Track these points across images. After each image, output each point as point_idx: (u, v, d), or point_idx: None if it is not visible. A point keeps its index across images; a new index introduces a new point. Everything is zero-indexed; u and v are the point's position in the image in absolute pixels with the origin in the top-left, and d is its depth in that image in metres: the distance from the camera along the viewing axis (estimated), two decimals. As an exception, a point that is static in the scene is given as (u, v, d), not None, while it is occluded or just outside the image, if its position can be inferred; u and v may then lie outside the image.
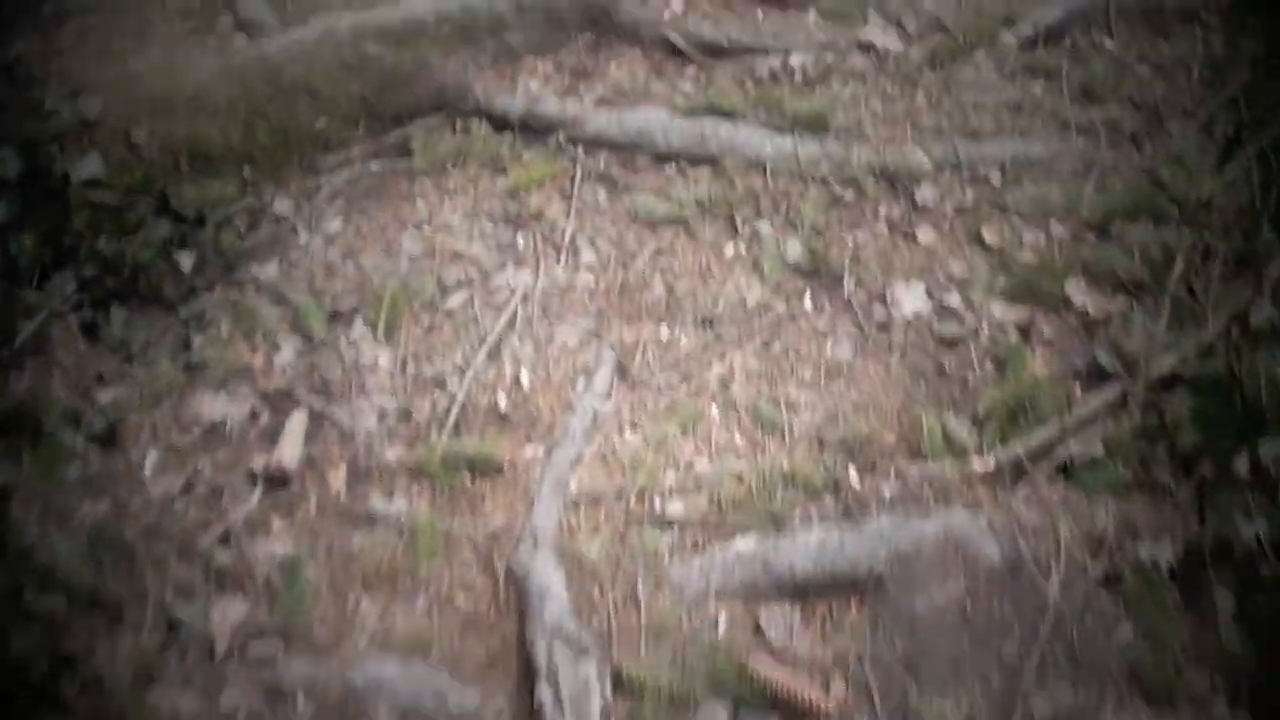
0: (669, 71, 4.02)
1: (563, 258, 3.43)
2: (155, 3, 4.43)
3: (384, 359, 3.18)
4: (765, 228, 3.47)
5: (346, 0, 4.39)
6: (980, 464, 2.83)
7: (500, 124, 3.79)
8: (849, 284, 3.32)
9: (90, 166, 3.24)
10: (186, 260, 3.26)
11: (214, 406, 3.07)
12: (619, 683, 2.44)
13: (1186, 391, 2.88)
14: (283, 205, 3.54)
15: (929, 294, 3.29)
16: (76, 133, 3.32)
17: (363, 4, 4.42)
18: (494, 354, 3.18)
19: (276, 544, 2.75)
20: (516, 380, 3.12)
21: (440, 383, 3.11)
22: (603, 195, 3.60)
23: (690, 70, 4.02)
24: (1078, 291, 3.27)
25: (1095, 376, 3.07)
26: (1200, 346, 3.02)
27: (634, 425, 3.01)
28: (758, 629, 2.58)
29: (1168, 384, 2.98)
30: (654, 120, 3.70)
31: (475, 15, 3.87)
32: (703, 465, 2.92)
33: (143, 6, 4.42)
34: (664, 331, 3.23)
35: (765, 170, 3.60)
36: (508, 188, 3.62)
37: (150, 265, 3.24)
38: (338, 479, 2.91)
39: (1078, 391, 3.04)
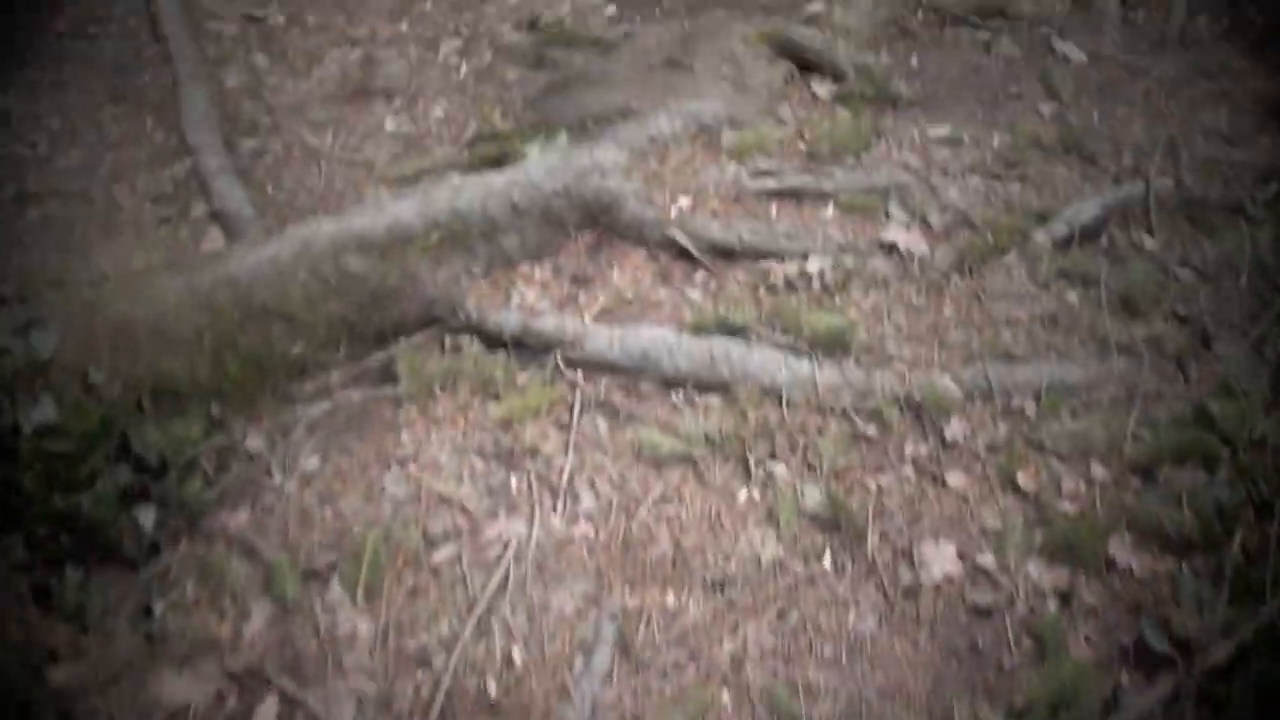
0: (676, 276, 3.96)
1: (559, 504, 3.35)
2: (125, 186, 4.38)
3: (363, 628, 3.08)
4: (781, 470, 3.38)
5: (328, 182, 4.36)
6: (1020, 779, 2.71)
7: (493, 341, 3.73)
8: (873, 539, 3.23)
9: (43, 412, 3.16)
10: (148, 515, 3.17)
11: (176, 688, 2.97)
12: None
13: (1248, 691, 2.77)
14: (255, 442, 3.46)
15: (960, 554, 3.18)
16: (29, 374, 3.22)
17: (344, 180, 4.40)
18: (483, 624, 3.09)
19: None
20: (508, 658, 3.02)
21: (424, 660, 3.01)
22: (604, 427, 3.52)
23: (699, 275, 3.96)
24: (1122, 550, 3.19)
25: (1144, 657, 2.96)
26: (1260, 628, 2.91)
27: (637, 718, 2.89)
28: None
29: (1225, 673, 2.86)
30: (659, 340, 3.62)
31: (467, 220, 3.80)
32: (714, 772, 2.80)
33: (111, 189, 4.38)
34: (670, 598, 3.14)
35: (781, 400, 3.52)
36: (500, 417, 3.54)
37: (108, 521, 3.13)
38: (310, 789, 2.78)
39: (1124, 677, 2.91)
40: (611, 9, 5.46)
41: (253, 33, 5.50)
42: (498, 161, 4.46)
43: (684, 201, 4.10)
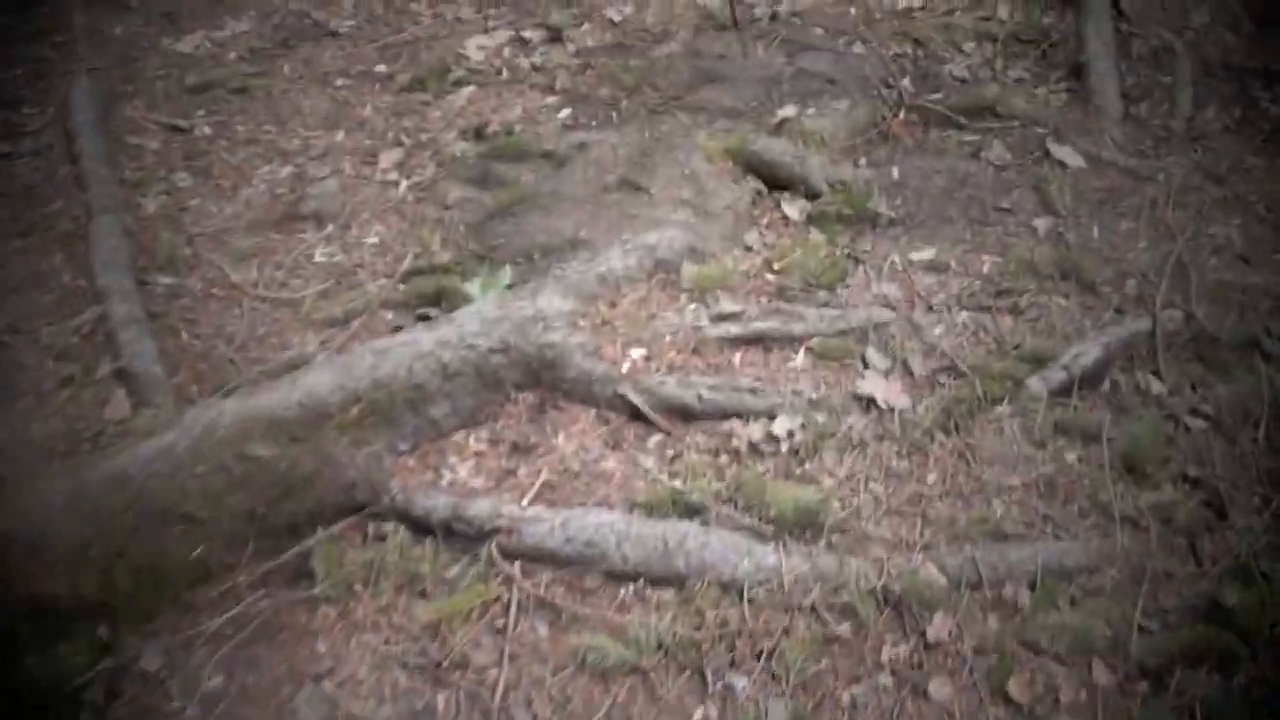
0: (628, 441, 3.75)
1: (493, 731, 3.09)
2: (27, 339, 4.18)
3: None
4: (742, 682, 3.16)
5: (250, 326, 4.15)
6: None
7: (421, 528, 3.50)
8: (846, 769, 2.97)
9: (-94, 651, 2.93)
10: (25, 764, 2.93)
11: None
12: None
13: None
14: (152, 661, 3.24)
15: (945, 786, 2.94)
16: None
17: (267, 324, 4.19)
18: None
19: None
20: None
21: None
22: (544, 632, 3.29)
23: (653, 440, 3.74)
24: (1128, 775, 2.93)
25: None
26: None
27: None
28: None
29: None
30: (607, 526, 3.40)
31: (390, 388, 3.58)
32: None
33: (12, 343, 4.16)
34: None
35: (742, 595, 3.28)
36: (428, 621, 3.32)
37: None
38: None
39: None
40: (565, 113, 5.26)
41: (176, 147, 5.31)
42: (434, 298, 4.27)
43: (637, 353, 3.88)
